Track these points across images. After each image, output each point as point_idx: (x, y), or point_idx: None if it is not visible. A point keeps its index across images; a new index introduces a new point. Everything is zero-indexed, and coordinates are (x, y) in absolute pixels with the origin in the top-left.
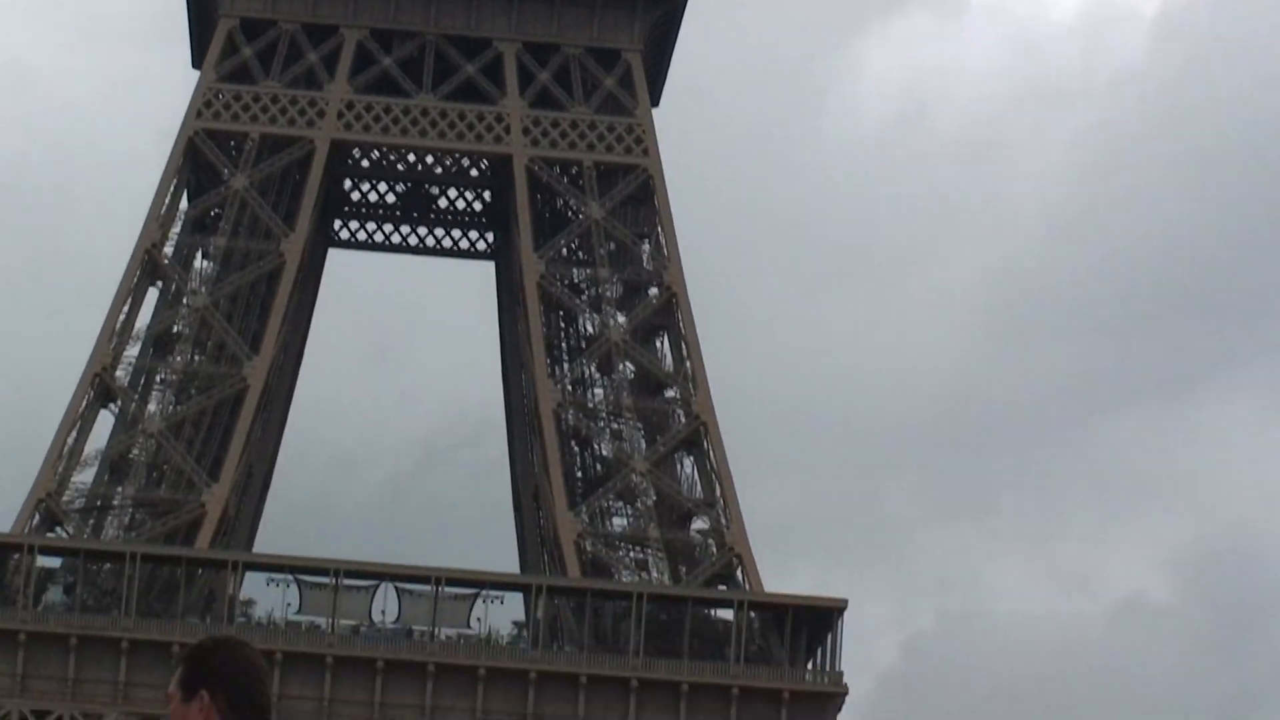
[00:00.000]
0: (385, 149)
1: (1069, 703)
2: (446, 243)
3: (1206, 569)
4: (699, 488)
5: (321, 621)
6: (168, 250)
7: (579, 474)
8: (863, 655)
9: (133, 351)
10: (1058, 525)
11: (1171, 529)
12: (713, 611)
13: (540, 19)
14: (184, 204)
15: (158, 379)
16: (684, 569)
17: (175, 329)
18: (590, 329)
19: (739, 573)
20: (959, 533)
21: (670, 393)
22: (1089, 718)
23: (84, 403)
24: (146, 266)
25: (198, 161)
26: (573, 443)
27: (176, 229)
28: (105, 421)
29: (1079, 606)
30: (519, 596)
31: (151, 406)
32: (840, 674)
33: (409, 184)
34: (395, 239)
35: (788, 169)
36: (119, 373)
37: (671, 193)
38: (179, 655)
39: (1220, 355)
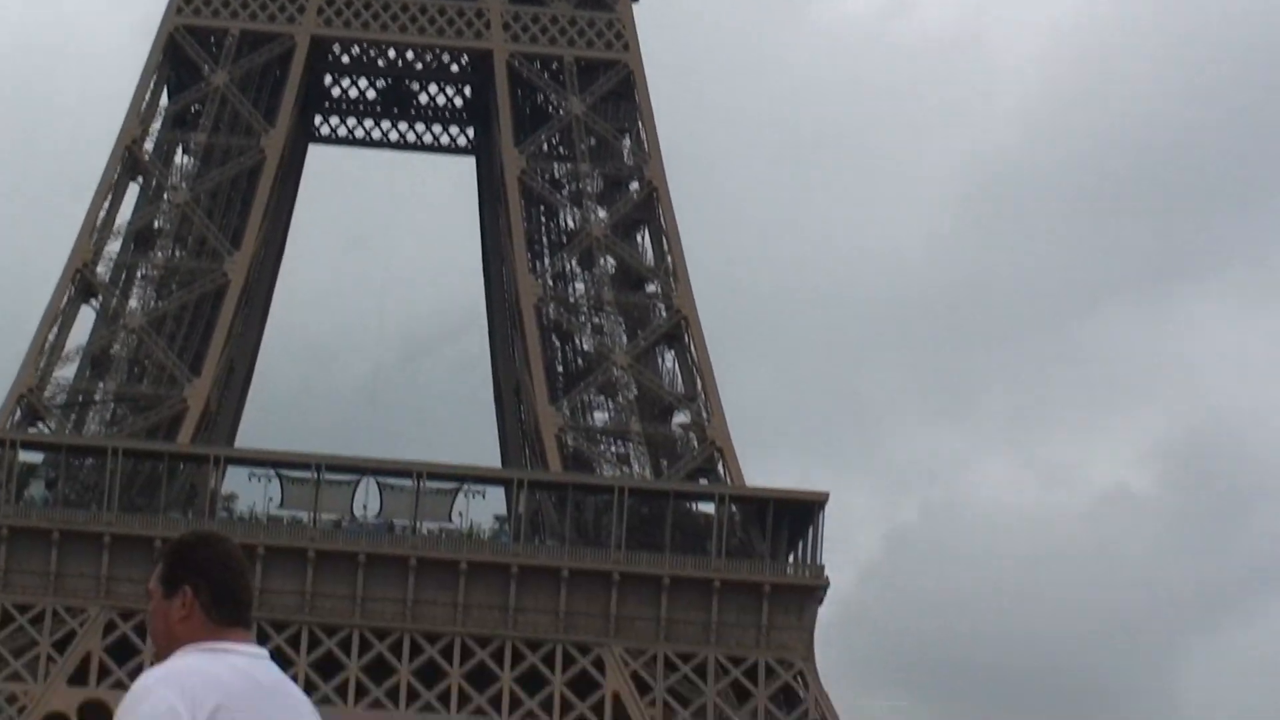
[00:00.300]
0: (365, 44)
1: (1050, 593)
2: (427, 138)
3: (1187, 460)
4: (680, 382)
5: (303, 516)
6: (148, 146)
7: (560, 368)
8: (845, 548)
9: (114, 247)
10: (1040, 419)
11: (1153, 421)
12: (694, 505)
13: None
14: (165, 100)
15: (139, 274)
16: (665, 463)
17: (156, 225)
18: (571, 224)
19: (720, 466)
20: (941, 426)
21: (651, 287)
22: (1070, 606)
23: (65, 298)
24: (127, 162)
25: (178, 58)
26: (554, 337)
27: (157, 125)
28: (86, 317)
29: (1061, 499)
30: (500, 491)
31: (133, 302)
32: (821, 567)
33: (389, 80)
34: (375, 135)
35: (769, 63)
36: (100, 268)
37: (652, 88)
38: (159, 550)
39: (1202, 247)
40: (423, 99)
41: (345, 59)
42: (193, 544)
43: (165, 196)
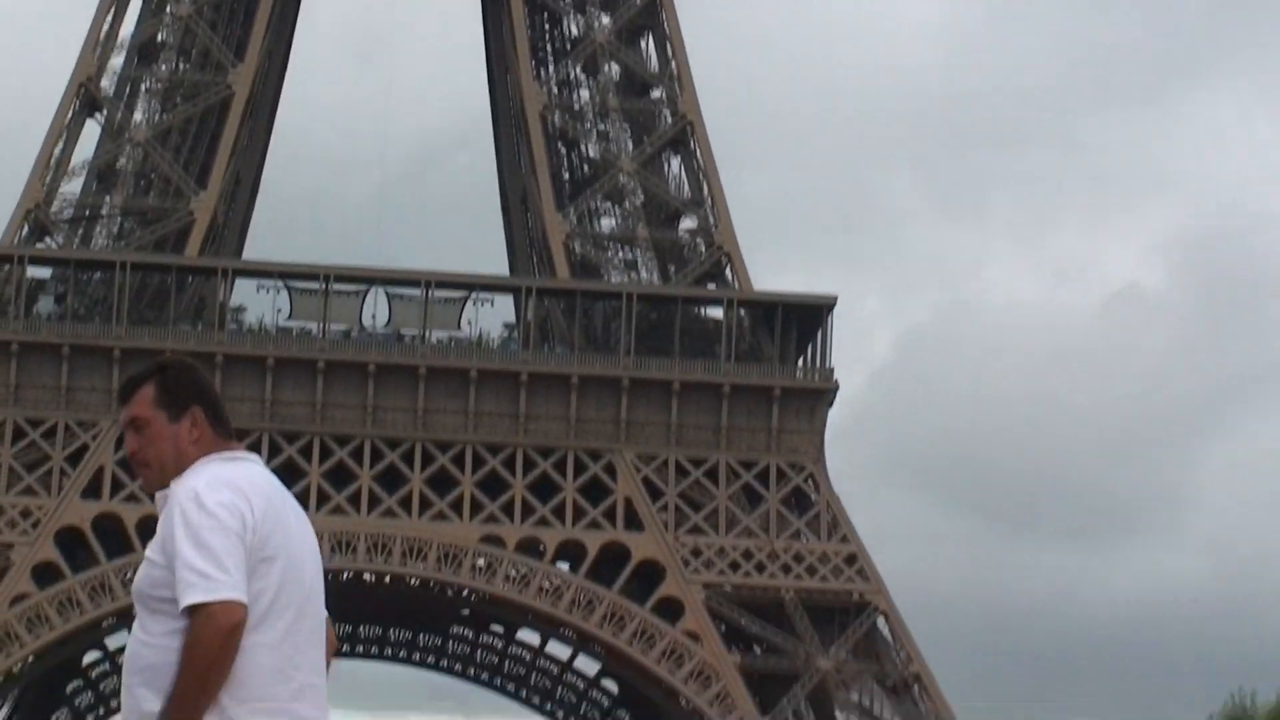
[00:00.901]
0: None
1: (1061, 391)
2: None
3: (1198, 255)
4: (686, 187)
5: (312, 327)
6: None
7: (566, 176)
8: (856, 350)
9: (117, 61)
10: (1049, 218)
11: (1163, 218)
12: (702, 310)
13: None
14: None
15: (143, 88)
16: (673, 269)
17: (159, 37)
18: (575, 30)
19: (728, 271)
20: (952, 228)
21: (656, 93)
22: (1082, 405)
23: (70, 113)
24: None
25: None
26: (559, 144)
27: None
28: (92, 132)
29: (1072, 297)
30: (509, 299)
31: (137, 115)
32: (830, 370)
33: None
34: None
35: None
36: (104, 82)
37: None
38: (136, 375)
39: (1210, 43)
40: None
41: None
42: (188, 367)
43: (168, 9)
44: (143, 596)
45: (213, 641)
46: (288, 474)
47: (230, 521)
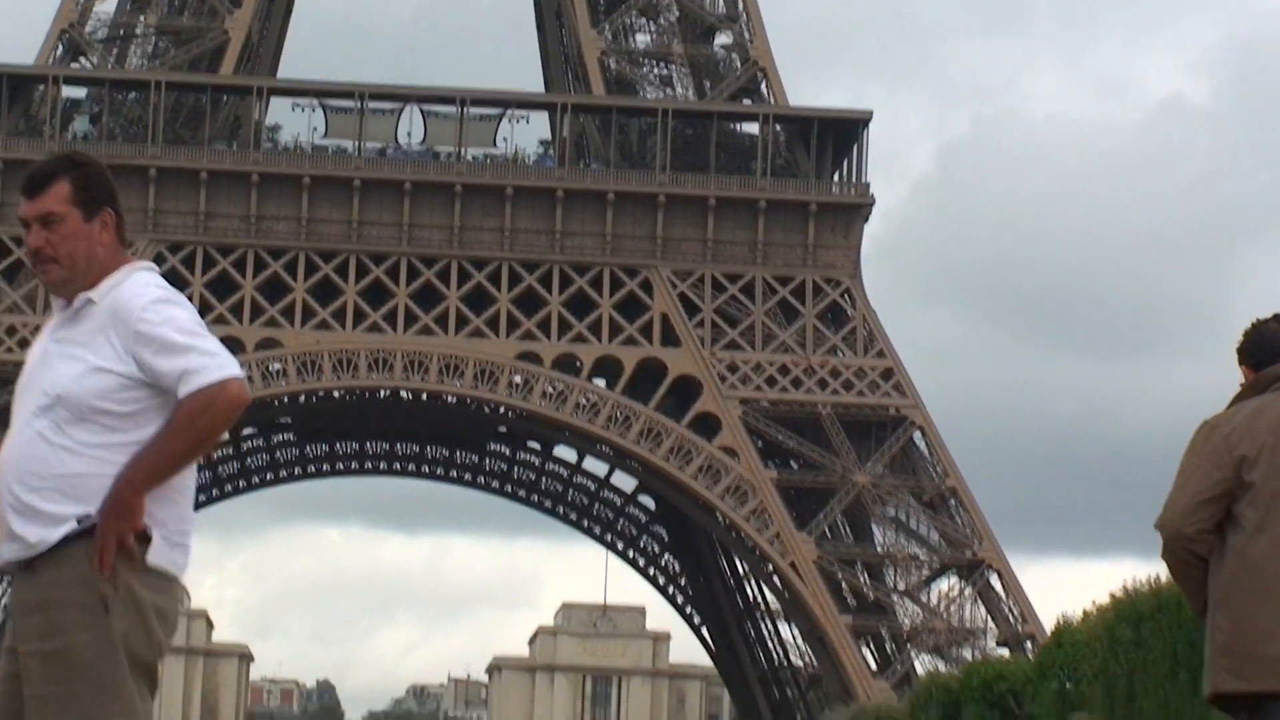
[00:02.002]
0: None
1: (1102, 204)
2: None
3: (1243, 68)
4: (721, 2)
5: (348, 145)
6: None
7: None
8: (897, 164)
9: None
10: (1091, 30)
11: (1206, 31)
12: (738, 126)
13: None
14: None
15: None
16: (708, 84)
17: None
18: None
19: (764, 87)
20: (994, 41)
21: None
22: (1126, 219)
23: None
24: None
25: None
26: None
27: None
28: None
29: (1115, 110)
30: (544, 115)
31: None
32: (866, 185)
33: None
34: None
35: None
36: None
37: None
38: (47, 168)
39: None
40: None
41: None
42: (101, 169)
43: None
44: (78, 404)
45: (224, 412)
46: (324, 292)
47: (200, 322)
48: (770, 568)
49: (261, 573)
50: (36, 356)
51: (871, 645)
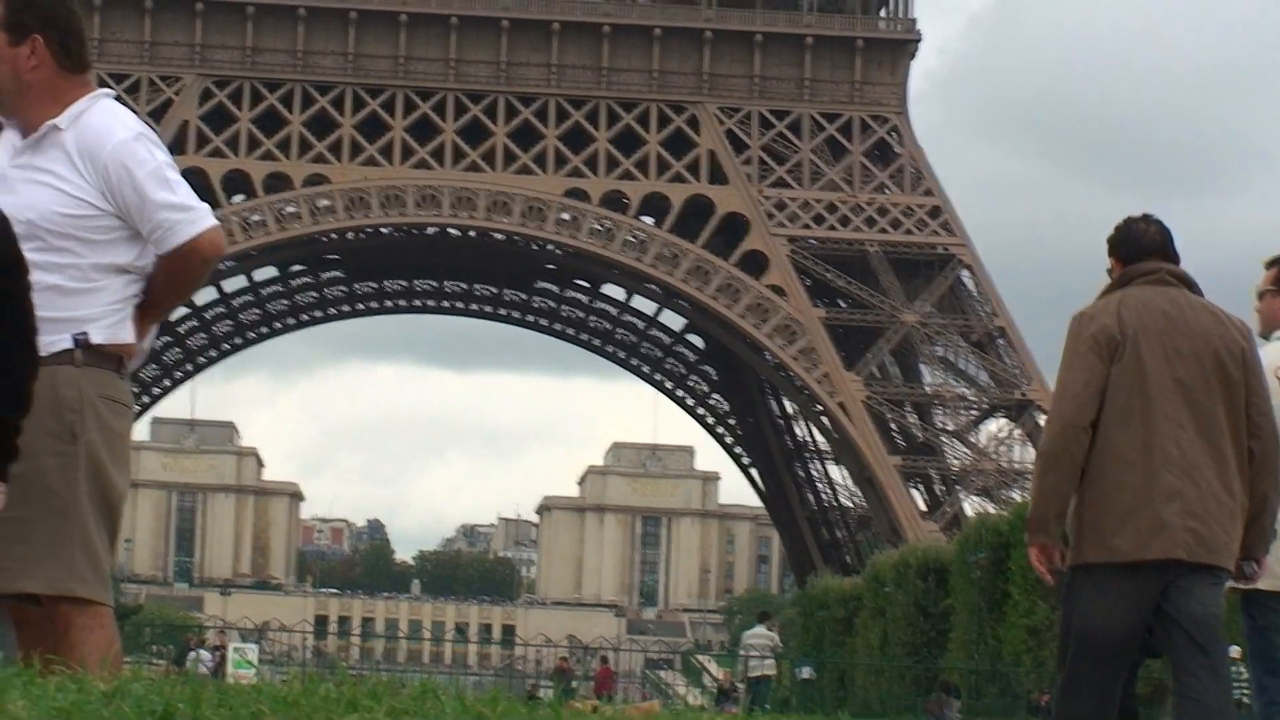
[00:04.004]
0: None
1: (1160, 33)
2: None
3: None
4: None
5: None
6: None
7: None
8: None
9: None
10: None
11: None
12: None
13: None
14: None
15: None
16: None
17: None
18: None
19: None
20: None
21: None
22: (1178, 46)
23: None
24: None
25: None
26: None
27: None
28: None
29: None
30: None
31: None
32: (913, 21)
33: None
34: None
35: None
36: None
37: None
38: None
39: None
40: None
41: None
42: None
43: None
44: (51, 230)
45: (202, 267)
46: (371, 128)
47: (170, 158)
48: (819, 407)
49: (313, 410)
50: None
51: (920, 486)
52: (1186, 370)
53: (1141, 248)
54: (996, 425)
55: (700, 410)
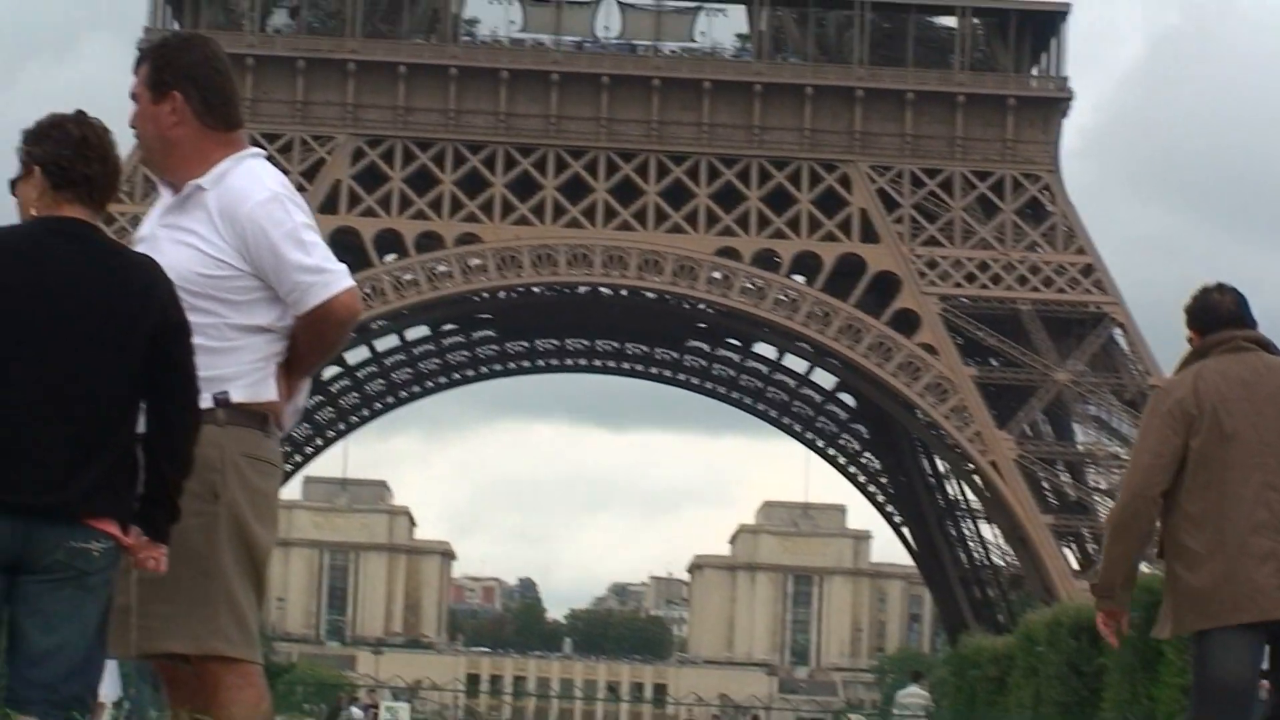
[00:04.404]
0: None
1: None
2: None
3: None
4: None
5: (545, 39)
6: None
7: None
8: (1107, 55)
9: None
10: None
11: None
12: (936, 19)
13: None
14: None
15: None
16: None
17: None
18: None
19: None
20: None
21: None
22: None
23: None
24: None
25: None
26: None
27: None
28: None
29: None
30: (742, 9)
31: None
32: (1065, 79)
33: None
34: None
35: None
36: None
37: None
38: (142, 51)
39: None
40: None
41: None
42: (180, 46)
43: None
44: (191, 290)
45: (339, 329)
46: (523, 187)
47: (311, 218)
48: (971, 466)
49: (467, 469)
50: (143, 240)
51: (1073, 545)
52: (1271, 433)
53: (1218, 318)
54: None
55: (852, 469)
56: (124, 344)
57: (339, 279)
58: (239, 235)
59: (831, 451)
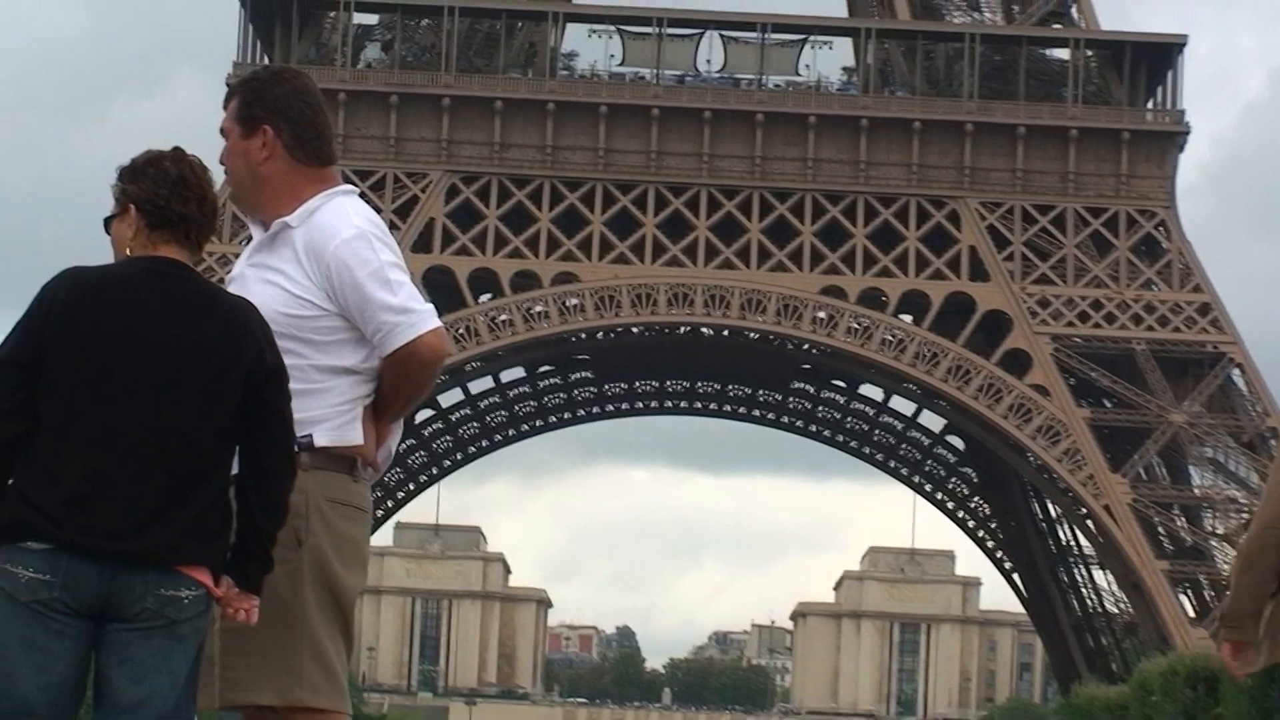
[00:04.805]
0: None
1: None
2: None
3: None
4: None
5: (646, 73)
6: None
7: None
8: (1227, 88)
9: None
10: None
11: None
12: (1047, 52)
13: None
14: None
15: None
16: (1016, 8)
17: None
18: None
19: (1074, 10)
20: None
21: None
22: None
23: None
24: None
25: None
26: None
27: None
28: None
29: None
30: (847, 41)
31: None
32: (1181, 112)
33: None
34: None
35: None
36: None
37: None
38: (232, 85)
39: None
40: None
41: None
42: (270, 80)
43: None
44: (277, 330)
45: (423, 371)
46: (622, 225)
47: (399, 257)
48: (1084, 511)
49: (563, 514)
50: (234, 280)
51: (1189, 592)
52: None
53: None
54: None
55: (960, 513)
56: (219, 388)
57: (425, 319)
58: (324, 274)
59: (940, 496)
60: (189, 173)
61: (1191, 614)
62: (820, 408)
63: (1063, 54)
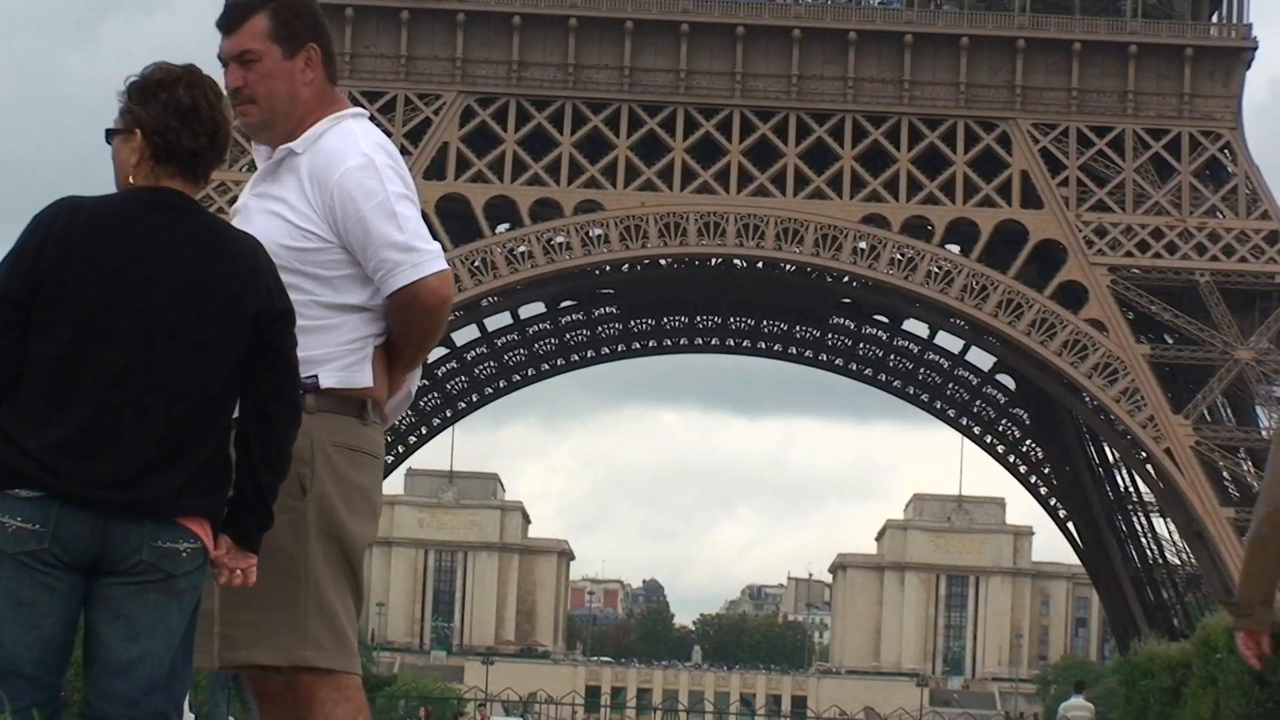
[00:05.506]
0: None
1: None
2: None
3: None
4: None
5: None
6: None
7: None
8: None
9: None
10: None
11: None
12: None
13: None
14: None
15: None
16: None
17: None
18: None
19: None
20: None
21: None
22: None
23: None
24: None
25: None
26: None
27: None
28: None
29: None
30: None
31: None
32: (1248, 26)
33: None
34: None
35: None
36: None
37: None
38: (245, 2)
39: None
40: None
41: None
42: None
43: None
44: (280, 264)
45: (427, 315)
46: (649, 149)
47: (410, 188)
48: (1143, 455)
49: (586, 461)
50: (237, 212)
51: None
52: None
53: None
54: None
55: (1011, 458)
56: (227, 331)
57: (430, 260)
58: (327, 204)
59: (989, 439)
60: (203, 103)
61: None
62: (861, 345)
63: None
